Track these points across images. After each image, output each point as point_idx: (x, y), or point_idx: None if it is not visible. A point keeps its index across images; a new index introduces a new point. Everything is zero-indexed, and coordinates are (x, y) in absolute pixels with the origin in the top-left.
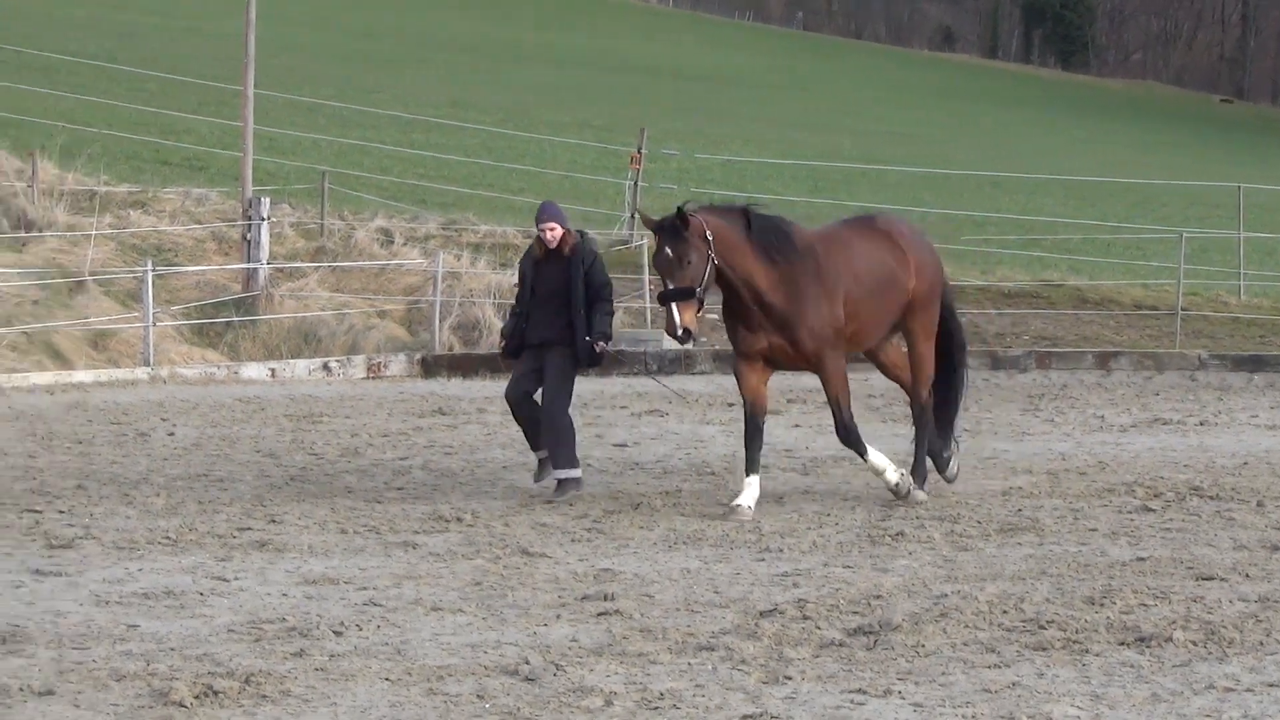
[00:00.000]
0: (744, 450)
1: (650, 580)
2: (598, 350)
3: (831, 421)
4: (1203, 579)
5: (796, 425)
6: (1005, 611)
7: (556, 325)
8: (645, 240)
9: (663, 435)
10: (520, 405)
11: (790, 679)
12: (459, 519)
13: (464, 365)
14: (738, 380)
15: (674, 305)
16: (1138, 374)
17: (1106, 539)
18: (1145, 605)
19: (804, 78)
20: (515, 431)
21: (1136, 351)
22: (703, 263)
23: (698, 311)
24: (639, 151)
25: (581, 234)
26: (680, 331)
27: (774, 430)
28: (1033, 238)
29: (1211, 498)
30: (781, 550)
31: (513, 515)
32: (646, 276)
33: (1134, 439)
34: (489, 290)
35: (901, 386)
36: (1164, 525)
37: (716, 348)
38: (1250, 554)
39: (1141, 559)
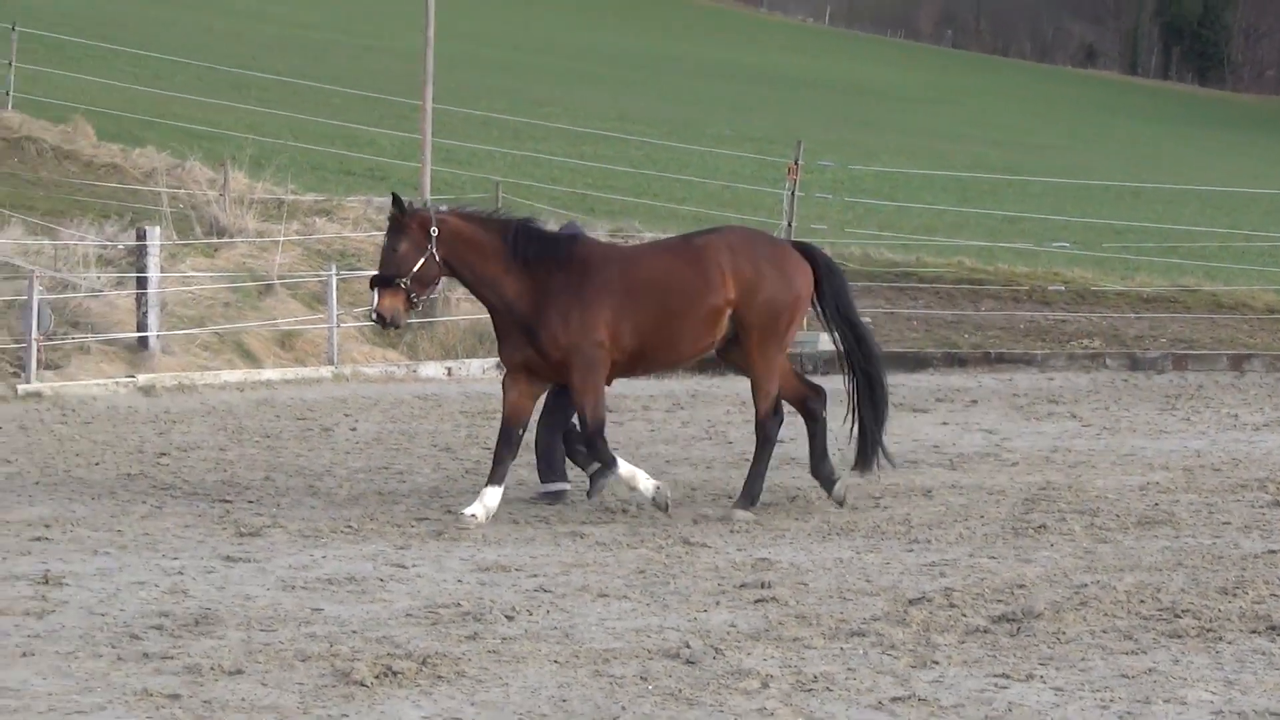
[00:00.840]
0: (492, 459)
1: (805, 569)
2: None
3: (976, 420)
4: None
5: (944, 423)
6: (1142, 601)
7: None
8: None
9: None
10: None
11: (937, 663)
12: (624, 510)
13: None
14: (502, 392)
15: (375, 289)
16: (1270, 375)
17: (1239, 532)
18: (1276, 595)
19: (953, 92)
20: (678, 428)
21: (1269, 354)
22: (415, 255)
23: (405, 300)
24: (796, 163)
25: None
26: (374, 315)
27: (922, 427)
28: (1170, 245)
29: None
30: (929, 541)
31: (675, 507)
32: None
33: (1266, 437)
34: None
35: (793, 406)
36: None
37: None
38: None
39: (1273, 551)
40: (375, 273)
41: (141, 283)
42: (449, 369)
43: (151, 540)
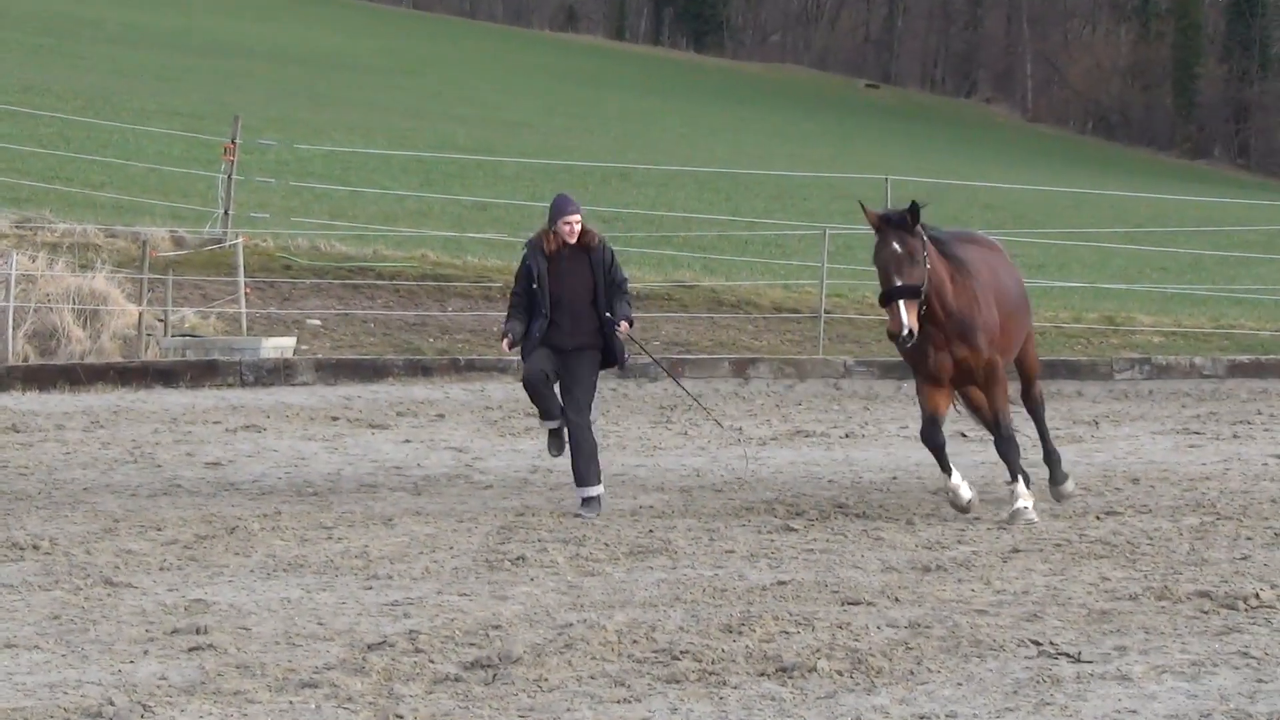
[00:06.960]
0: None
1: (247, 611)
2: (621, 335)
3: (444, 437)
4: (849, 603)
5: (407, 440)
6: (636, 641)
7: (586, 329)
8: (240, 240)
9: (260, 452)
10: (540, 384)
11: (402, 717)
12: (35, 546)
13: (40, 377)
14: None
15: (901, 303)
16: (778, 382)
17: (745, 561)
18: (787, 633)
19: (414, 61)
20: (97, 450)
21: (777, 358)
22: (923, 265)
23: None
24: (233, 142)
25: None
26: (907, 332)
27: (381, 445)
28: (664, 234)
29: (858, 515)
30: (391, 577)
31: (95, 542)
32: (241, 279)
33: (774, 453)
34: (69, 295)
35: None
36: (807, 546)
37: (319, 356)
38: (900, 576)
39: (783, 582)
40: (898, 286)
41: None
42: None
43: None
